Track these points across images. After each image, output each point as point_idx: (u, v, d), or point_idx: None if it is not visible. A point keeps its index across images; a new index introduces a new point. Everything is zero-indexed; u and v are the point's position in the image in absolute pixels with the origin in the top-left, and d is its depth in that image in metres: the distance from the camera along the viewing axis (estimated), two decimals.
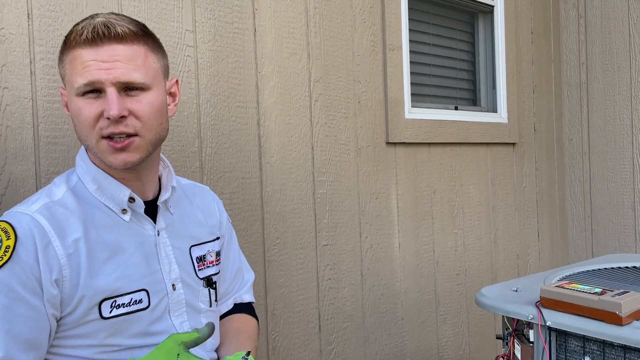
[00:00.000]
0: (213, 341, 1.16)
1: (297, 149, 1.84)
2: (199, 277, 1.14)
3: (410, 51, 2.28)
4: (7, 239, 0.92)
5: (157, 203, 1.09)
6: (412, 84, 2.27)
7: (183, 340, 0.96)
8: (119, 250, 1.01)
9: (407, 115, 2.20)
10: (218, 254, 1.20)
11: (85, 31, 0.96)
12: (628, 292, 1.17)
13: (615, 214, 2.84)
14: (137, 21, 1.03)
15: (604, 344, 1.14)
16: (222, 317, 1.27)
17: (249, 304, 1.33)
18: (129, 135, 0.98)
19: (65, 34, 1.34)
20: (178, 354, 0.95)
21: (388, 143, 2.14)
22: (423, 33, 2.38)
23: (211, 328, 1.01)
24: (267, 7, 1.77)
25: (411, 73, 2.26)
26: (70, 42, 0.98)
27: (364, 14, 2.06)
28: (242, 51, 1.70)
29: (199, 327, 1.10)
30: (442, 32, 2.48)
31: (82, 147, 1.08)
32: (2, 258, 0.91)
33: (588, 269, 1.56)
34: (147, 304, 1.02)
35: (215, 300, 1.18)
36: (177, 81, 1.11)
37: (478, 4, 2.56)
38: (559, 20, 3.00)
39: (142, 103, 0.99)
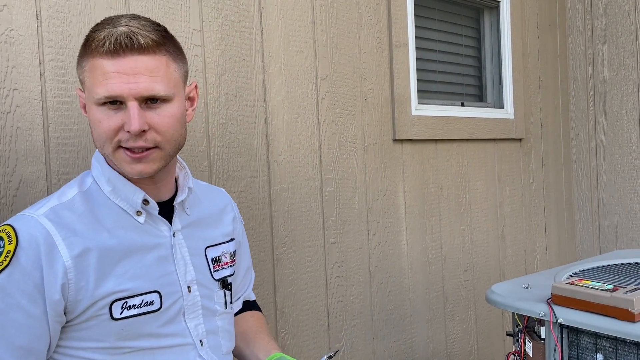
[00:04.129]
0: (228, 344, 1.15)
1: (304, 147, 1.84)
2: (215, 279, 1.13)
3: (417, 48, 2.27)
4: (9, 244, 0.91)
5: (174, 204, 1.08)
6: (418, 80, 2.26)
7: None
8: (132, 252, 1.00)
9: (414, 112, 2.20)
10: (233, 255, 1.19)
11: (108, 42, 0.93)
12: None
13: (622, 209, 2.83)
14: (159, 26, 1.00)
15: (617, 341, 1.14)
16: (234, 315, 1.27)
17: (254, 301, 1.36)
18: (148, 148, 0.97)
19: (73, 34, 1.35)
20: None
21: (395, 140, 2.13)
22: (429, 29, 2.37)
23: None
24: (273, 5, 1.76)
25: (417, 70, 2.26)
26: (91, 50, 0.95)
27: (370, 11, 2.06)
28: (249, 50, 1.70)
29: (215, 329, 1.10)
30: (448, 28, 2.47)
31: None
32: (2, 263, 0.90)
33: (598, 265, 1.56)
34: (158, 306, 1.01)
35: (231, 302, 1.17)
36: (196, 85, 1.09)
37: None
38: (565, 15, 2.98)
39: (163, 116, 0.97)
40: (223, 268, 1.15)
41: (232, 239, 1.20)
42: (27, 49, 1.28)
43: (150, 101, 0.96)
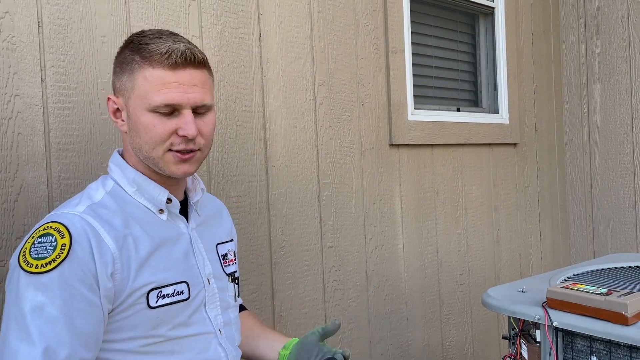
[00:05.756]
0: (238, 337, 1.22)
1: (302, 152, 1.86)
2: (226, 273, 1.21)
3: (413, 53, 2.29)
4: (62, 238, 0.97)
5: (191, 203, 1.17)
6: (414, 86, 2.29)
7: (319, 332, 1.19)
8: (162, 244, 1.07)
9: (410, 117, 2.22)
10: (235, 253, 1.29)
11: (174, 55, 1.03)
12: (633, 292, 1.19)
13: (616, 213, 2.86)
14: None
15: (611, 344, 1.16)
16: None
17: (242, 304, 1.43)
18: (193, 150, 1.08)
19: (74, 41, 1.36)
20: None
21: (391, 145, 2.15)
22: (425, 35, 2.40)
23: (337, 326, 1.20)
24: (271, 12, 1.78)
25: (414, 75, 2.28)
26: (150, 61, 1.03)
27: (366, 18, 2.08)
28: (248, 56, 1.72)
29: (229, 320, 1.18)
30: (444, 34, 2.49)
31: (115, 154, 1.14)
32: (60, 256, 0.95)
33: (592, 269, 1.58)
34: (187, 295, 1.08)
35: (238, 296, 1.26)
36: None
37: (479, 5, 2.58)
38: (559, 21, 3.02)
39: (207, 123, 1.09)
40: (230, 264, 1.24)
41: (232, 239, 1.30)
42: (28, 55, 1.30)
43: (198, 110, 1.07)
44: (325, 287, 1.92)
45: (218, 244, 1.22)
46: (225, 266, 1.22)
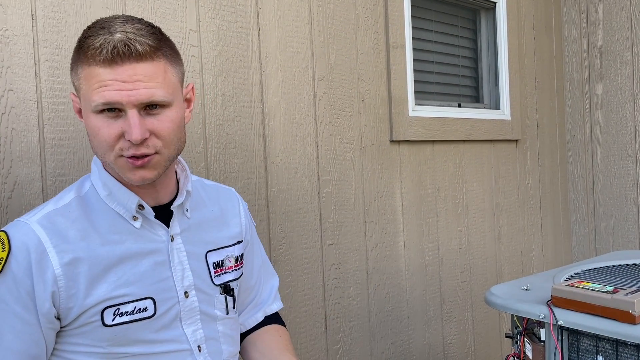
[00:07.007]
0: (230, 349, 1.13)
1: (301, 148, 1.83)
2: (215, 284, 1.11)
3: (413, 49, 2.27)
4: (2, 251, 0.92)
5: (171, 208, 1.05)
6: (415, 81, 2.26)
7: None
8: (126, 258, 0.99)
9: (411, 113, 2.19)
10: (238, 258, 1.16)
11: (105, 50, 0.89)
12: None
13: (618, 210, 2.84)
14: (153, 28, 0.96)
15: (617, 343, 1.14)
16: (254, 329, 1.25)
17: (276, 313, 1.31)
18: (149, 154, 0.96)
19: (69, 35, 1.33)
20: None
21: (392, 141, 2.13)
22: (426, 30, 2.37)
23: None
24: (270, 6, 1.76)
25: (414, 71, 2.25)
26: (86, 58, 0.91)
27: (367, 12, 2.05)
28: (246, 50, 1.69)
29: (215, 334, 1.09)
30: (445, 30, 2.47)
31: None
32: None
33: (596, 267, 1.55)
34: (152, 312, 1.00)
35: (234, 307, 1.15)
36: (192, 87, 1.06)
37: (480, 0, 2.55)
38: (561, 16, 2.99)
39: (163, 122, 0.95)
40: (226, 272, 1.13)
41: (239, 242, 1.17)
42: (22, 49, 1.27)
43: (149, 107, 0.94)
44: (325, 285, 1.90)
45: (210, 251, 1.10)
46: (216, 276, 1.10)
